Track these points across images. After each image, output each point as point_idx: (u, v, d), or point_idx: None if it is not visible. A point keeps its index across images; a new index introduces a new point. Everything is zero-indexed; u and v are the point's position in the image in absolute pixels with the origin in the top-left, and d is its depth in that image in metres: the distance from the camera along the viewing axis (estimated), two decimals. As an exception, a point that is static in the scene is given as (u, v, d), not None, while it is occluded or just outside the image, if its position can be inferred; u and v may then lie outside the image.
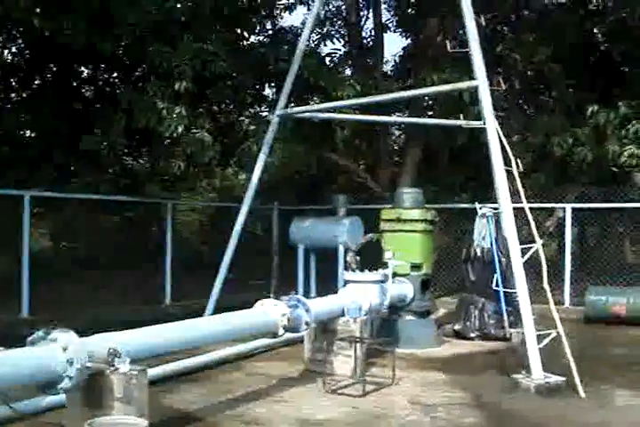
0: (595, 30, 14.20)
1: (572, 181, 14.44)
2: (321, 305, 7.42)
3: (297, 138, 14.52)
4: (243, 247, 19.77)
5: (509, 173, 7.78)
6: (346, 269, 8.76)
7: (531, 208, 14.26)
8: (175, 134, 10.79)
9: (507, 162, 7.89)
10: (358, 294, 8.05)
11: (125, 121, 11.31)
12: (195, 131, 11.37)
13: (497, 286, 9.32)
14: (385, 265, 9.02)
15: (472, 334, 10.01)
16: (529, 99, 15.18)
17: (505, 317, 9.45)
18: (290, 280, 14.06)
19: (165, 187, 15.23)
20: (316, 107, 10.04)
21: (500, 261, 9.42)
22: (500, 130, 7.86)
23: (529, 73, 14.64)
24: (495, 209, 8.73)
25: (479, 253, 10.07)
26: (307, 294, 13.58)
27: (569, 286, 12.76)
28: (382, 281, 8.42)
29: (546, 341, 7.13)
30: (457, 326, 10.16)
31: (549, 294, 7.35)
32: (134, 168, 11.36)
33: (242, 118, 14.08)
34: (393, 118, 12.15)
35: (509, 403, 6.59)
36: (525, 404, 6.56)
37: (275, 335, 6.69)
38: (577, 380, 6.83)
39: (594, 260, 14.52)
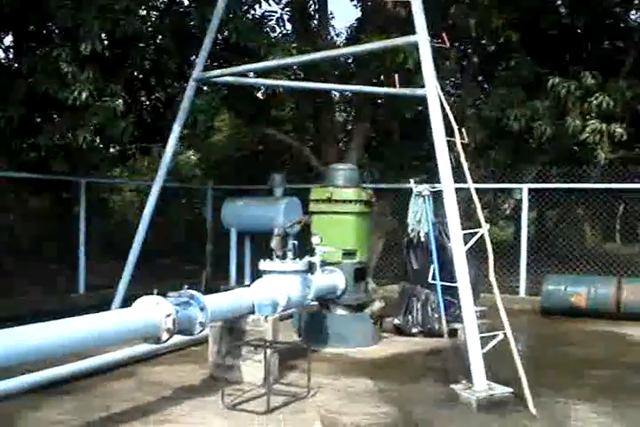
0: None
1: (530, 159, 13.31)
2: (222, 301, 6.18)
3: (231, 112, 13.20)
4: (186, 231, 18.56)
5: (452, 145, 6.58)
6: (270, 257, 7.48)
7: (487, 189, 13.53)
8: (78, 102, 9.36)
9: (451, 133, 6.70)
10: (274, 287, 6.83)
11: (26, 88, 9.84)
12: (105, 99, 9.96)
13: (434, 277, 8.14)
14: (313, 252, 7.87)
15: (414, 330, 8.86)
16: (484, 70, 13.95)
17: (442, 311, 8.28)
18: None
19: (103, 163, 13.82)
20: (238, 69, 8.65)
21: (443, 248, 8.24)
22: (442, 95, 6.62)
23: (484, 41, 13.46)
24: (434, 187, 7.52)
25: (422, 239, 8.87)
26: (240, 283, 12.42)
27: (525, 273, 11.65)
28: (305, 271, 7.19)
29: (491, 344, 5.96)
30: (397, 321, 9.00)
31: (496, 288, 6.18)
32: (37, 142, 9.93)
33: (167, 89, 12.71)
34: (325, 85, 10.75)
35: (444, 423, 5.41)
36: (463, 424, 5.39)
37: (158, 340, 5.42)
38: (526, 391, 5.67)
39: (552, 245, 13.46)
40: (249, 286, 7.18)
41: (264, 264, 7.08)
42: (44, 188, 12.47)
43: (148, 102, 14.07)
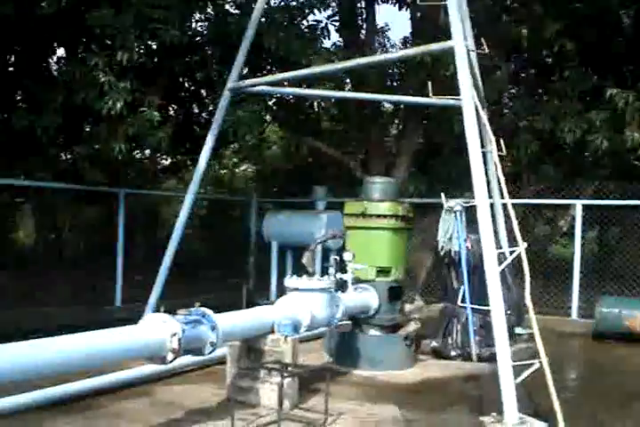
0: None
1: (587, 174, 12.64)
2: (237, 320, 5.85)
3: (277, 124, 12.96)
4: (234, 244, 18.37)
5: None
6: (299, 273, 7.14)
7: (547, 205, 12.89)
8: (113, 112, 9.22)
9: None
10: (298, 306, 6.47)
11: (63, 98, 9.76)
12: (143, 109, 9.81)
13: (463, 300, 7.65)
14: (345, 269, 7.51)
15: (453, 353, 8.37)
16: (538, 81, 13.33)
17: (471, 334, 7.81)
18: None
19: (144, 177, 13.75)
20: (272, 78, 8.36)
21: (477, 267, 7.75)
22: (479, 104, 6.19)
23: (538, 52, 12.87)
24: (467, 203, 7.05)
25: (464, 257, 8.40)
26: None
27: (577, 294, 11.01)
28: (332, 289, 6.81)
29: (525, 374, 5.46)
30: (435, 343, 8.52)
31: (532, 313, 5.66)
32: (75, 153, 9.84)
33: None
34: (355, 94, 10.33)
35: (466, 460, 4.96)
36: (488, 462, 4.93)
37: (163, 361, 5.12)
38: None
39: (612, 265, 12.73)
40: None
41: (289, 281, 6.73)
42: (83, 199, 12.40)
43: (194, 112, 13.93)
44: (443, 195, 7.34)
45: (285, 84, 9.65)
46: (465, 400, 6.52)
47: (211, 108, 12.65)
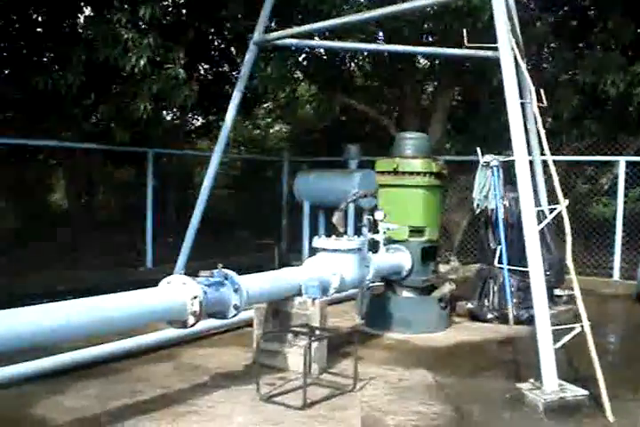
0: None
1: (632, 130, 12.08)
2: (262, 282, 5.61)
3: (308, 81, 12.55)
4: (266, 204, 18.20)
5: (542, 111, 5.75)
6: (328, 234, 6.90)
7: (588, 162, 12.38)
8: (137, 69, 8.93)
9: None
10: (326, 267, 6.22)
11: (86, 56, 9.49)
12: (169, 66, 9.50)
13: (500, 261, 7.31)
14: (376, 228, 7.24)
15: (489, 316, 8.08)
16: (580, 33, 12.66)
17: (508, 296, 7.50)
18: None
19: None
20: (300, 30, 7.98)
21: (514, 226, 7.41)
22: (517, 51, 5.78)
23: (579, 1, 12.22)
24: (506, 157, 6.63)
25: (501, 215, 8.05)
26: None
27: (619, 255, 10.59)
28: (362, 249, 6.54)
29: (565, 339, 5.16)
30: (470, 305, 8.24)
31: (573, 274, 5.33)
32: (100, 112, 9.60)
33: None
34: (393, 47, 9.81)
35: (502, 430, 4.70)
36: (526, 432, 4.67)
37: (184, 325, 4.92)
38: (604, 394, 4.86)
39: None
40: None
41: (317, 241, 6.48)
42: (113, 160, 12.22)
43: (224, 70, 13.56)
44: (479, 149, 6.93)
45: (315, 37, 9.27)
46: (501, 365, 6.26)
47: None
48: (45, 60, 10.39)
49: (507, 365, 6.24)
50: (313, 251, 12.31)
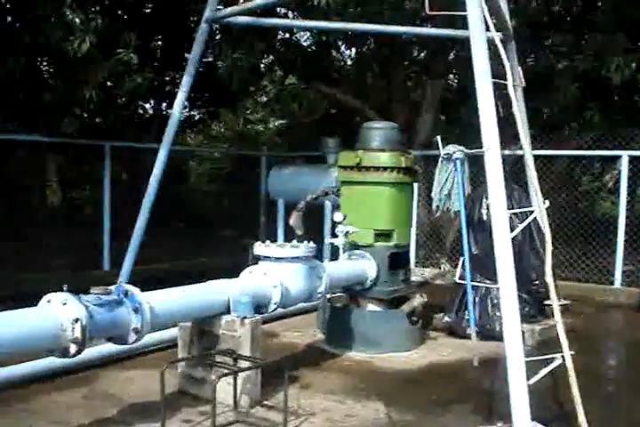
0: None
1: (637, 121, 11.02)
2: (176, 299, 4.63)
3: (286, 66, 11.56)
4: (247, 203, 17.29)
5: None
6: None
7: (588, 157, 11.32)
8: (79, 54, 7.98)
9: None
10: (267, 279, 5.26)
11: (29, 38, 8.55)
12: (120, 51, 8.54)
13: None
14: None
15: (469, 331, 7.07)
16: (580, 14, 11.57)
17: (470, 308, 6.52)
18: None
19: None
20: (254, 4, 6.97)
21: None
22: (489, 19, 4.78)
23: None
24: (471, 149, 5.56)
25: (485, 217, 7.07)
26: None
27: (621, 259, 9.57)
28: (310, 257, 5.57)
29: (542, 373, 4.17)
30: (448, 318, 7.26)
31: (553, 293, 4.34)
32: (44, 101, 8.68)
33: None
34: (359, 26, 8.66)
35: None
36: None
37: (65, 353, 3.96)
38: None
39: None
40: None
41: (258, 248, 5.51)
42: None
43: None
44: (439, 139, 5.83)
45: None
46: (474, 396, 5.28)
47: (210, 50, 11.24)
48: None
49: (481, 395, 5.27)
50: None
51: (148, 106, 16.32)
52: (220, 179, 20.73)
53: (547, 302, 7.51)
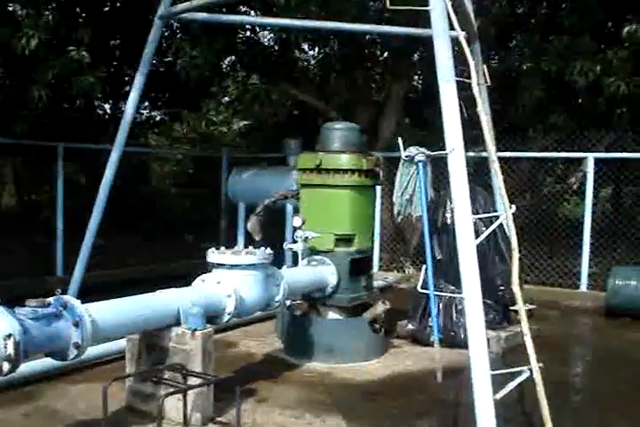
0: None
1: (602, 124, 10.93)
2: (120, 311, 4.32)
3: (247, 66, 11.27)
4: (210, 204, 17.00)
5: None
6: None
7: (555, 159, 11.22)
8: (27, 51, 7.61)
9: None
10: (221, 287, 4.99)
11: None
12: (71, 48, 8.18)
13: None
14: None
15: (432, 338, 6.85)
16: (545, 15, 11.44)
17: (434, 316, 6.29)
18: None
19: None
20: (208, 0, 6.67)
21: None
22: (454, 18, 4.56)
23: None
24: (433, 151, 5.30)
25: (449, 221, 6.87)
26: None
27: (587, 263, 9.46)
28: (266, 264, 5.30)
29: (509, 387, 3.96)
30: (411, 326, 7.04)
31: (520, 303, 4.14)
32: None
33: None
34: (323, 23, 8.40)
35: None
36: None
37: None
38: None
39: (627, 229, 11.06)
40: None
41: (211, 255, 5.24)
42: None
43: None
44: (400, 140, 5.58)
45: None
46: (438, 408, 5.07)
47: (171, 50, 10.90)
48: None
49: (445, 407, 5.07)
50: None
51: (107, 106, 15.98)
52: (182, 181, 20.40)
53: (512, 308, 7.35)
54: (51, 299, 3.95)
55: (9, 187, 15.03)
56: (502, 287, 6.99)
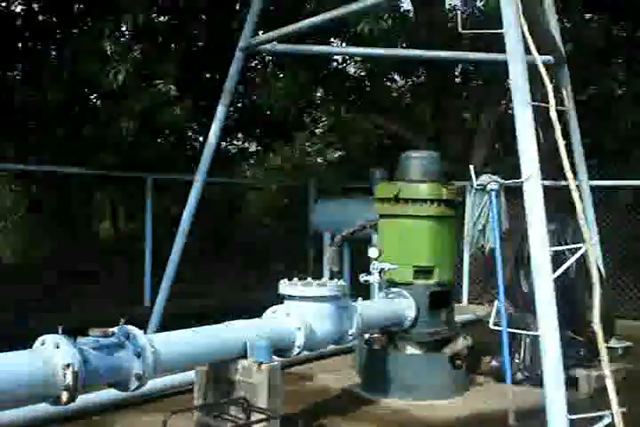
0: None
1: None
2: (184, 343, 4.27)
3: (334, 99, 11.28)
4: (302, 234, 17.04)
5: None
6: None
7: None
8: (115, 85, 7.84)
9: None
10: (291, 320, 4.89)
11: (68, 73, 8.47)
12: (158, 82, 8.39)
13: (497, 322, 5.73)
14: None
15: (519, 376, 6.52)
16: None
17: (505, 355, 5.88)
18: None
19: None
20: (289, 29, 6.68)
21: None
22: (530, 40, 4.39)
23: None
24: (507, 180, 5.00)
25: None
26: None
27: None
28: (338, 297, 5.16)
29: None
30: (495, 362, 6.70)
31: (601, 337, 3.84)
32: (82, 133, 8.60)
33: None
34: (402, 51, 8.37)
35: None
36: None
37: (57, 401, 3.64)
38: None
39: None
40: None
41: (282, 287, 5.14)
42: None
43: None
44: (472, 168, 5.29)
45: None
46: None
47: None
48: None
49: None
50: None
51: (201, 138, 16.35)
52: (275, 211, 20.57)
53: (611, 345, 6.94)
54: (114, 329, 3.94)
55: (107, 217, 15.53)
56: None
